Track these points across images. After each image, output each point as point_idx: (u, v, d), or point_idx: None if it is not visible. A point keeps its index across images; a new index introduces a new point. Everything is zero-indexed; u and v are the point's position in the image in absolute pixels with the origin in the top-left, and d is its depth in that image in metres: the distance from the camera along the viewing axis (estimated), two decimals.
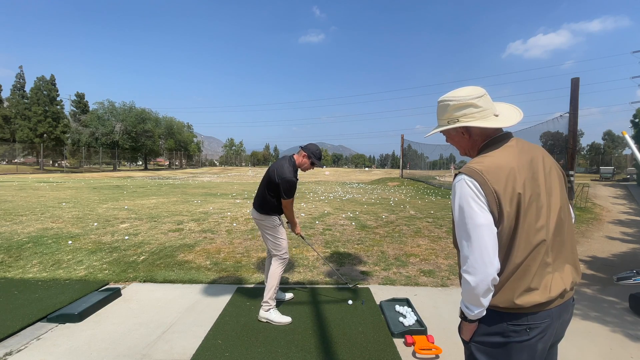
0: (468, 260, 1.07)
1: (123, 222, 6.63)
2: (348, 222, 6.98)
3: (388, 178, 26.04)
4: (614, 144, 62.32)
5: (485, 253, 1.04)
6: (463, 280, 1.09)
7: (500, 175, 1.08)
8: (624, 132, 2.83)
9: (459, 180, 1.12)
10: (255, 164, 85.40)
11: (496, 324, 1.12)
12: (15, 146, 36.97)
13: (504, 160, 1.12)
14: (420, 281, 3.86)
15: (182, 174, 34.16)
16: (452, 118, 1.22)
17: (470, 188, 1.08)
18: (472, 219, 1.06)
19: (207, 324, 2.80)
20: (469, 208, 1.07)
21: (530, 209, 1.09)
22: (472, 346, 1.19)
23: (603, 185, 17.57)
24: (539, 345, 1.13)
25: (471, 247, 1.06)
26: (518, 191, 1.08)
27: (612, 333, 2.75)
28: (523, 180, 1.10)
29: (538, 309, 1.09)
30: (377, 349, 2.44)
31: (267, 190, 2.90)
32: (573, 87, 7.83)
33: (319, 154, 2.93)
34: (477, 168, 1.10)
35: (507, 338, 1.11)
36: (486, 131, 1.21)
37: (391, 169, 63.59)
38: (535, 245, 1.09)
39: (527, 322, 1.10)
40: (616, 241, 6.14)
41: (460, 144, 1.29)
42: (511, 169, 1.10)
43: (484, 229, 1.05)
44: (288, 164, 2.87)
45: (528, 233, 1.08)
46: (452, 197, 1.16)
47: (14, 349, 2.41)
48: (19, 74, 39.74)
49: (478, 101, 1.18)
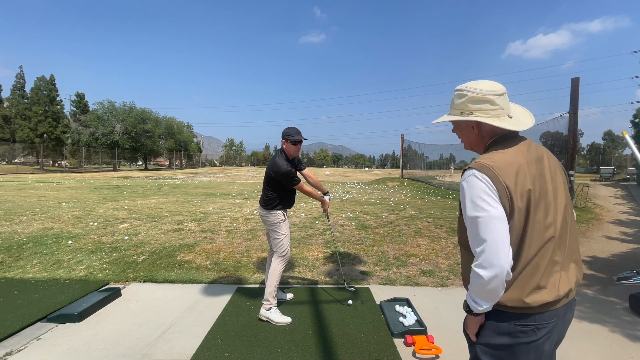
0: (483, 254, 1.04)
1: (123, 222, 6.63)
2: (348, 222, 6.98)
3: (388, 178, 26.04)
4: (614, 144, 62.33)
5: (501, 247, 1.02)
6: (475, 275, 1.06)
7: (510, 171, 1.08)
8: (624, 132, 2.83)
9: (470, 175, 1.10)
10: (255, 164, 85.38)
11: (503, 325, 1.11)
12: (15, 146, 36.97)
13: (514, 156, 1.12)
14: (420, 281, 3.86)
15: (182, 174, 34.16)
16: (467, 110, 1.20)
17: (482, 182, 1.07)
18: (486, 212, 1.04)
19: (207, 324, 2.80)
20: (482, 201, 1.05)
21: (540, 206, 1.08)
22: (478, 348, 1.17)
23: (603, 185, 17.58)
24: (545, 346, 1.13)
25: (485, 240, 1.03)
26: (528, 187, 1.07)
27: (612, 333, 2.75)
28: (532, 177, 1.09)
29: (545, 309, 1.09)
30: (377, 349, 2.44)
31: (267, 186, 3.01)
32: (573, 87, 7.83)
33: (293, 132, 2.95)
34: (488, 163, 1.10)
35: (515, 339, 1.10)
36: (496, 130, 1.20)
37: (391, 169, 63.57)
38: (545, 242, 1.08)
39: (534, 322, 1.08)
40: (616, 241, 6.13)
41: (468, 137, 1.28)
42: (520, 165, 1.10)
43: (499, 222, 1.04)
44: (279, 157, 2.96)
45: (538, 229, 1.08)
46: (461, 192, 1.13)
47: (14, 349, 2.41)
48: (19, 74, 39.74)
49: (496, 99, 1.17)
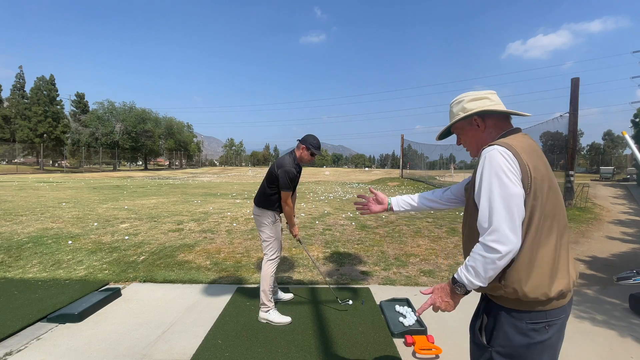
0: (499, 230, 1.02)
1: (123, 222, 6.64)
2: (348, 222, 6.98)
3: (388, 178, 26.05)
4: (614, 144, 62.32)
5: (518, 223, 1.03)
6: (487, 249, 1.04)
7: (529, 152, 1.10)
8: (624, 132, 2.83)
9: (491, 149, 1.09)
10: (255, 164, 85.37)
11: (515, 325, 1.10)
12: (15, 146, 36.99)
13: (526, 143, 1.14)
14: (420, 281, 3.86)
15: (182, 174, 34.16)
16: (467, 110, 1.25)
17: (504, 157, 1.06)
18: (507, 187, 1.04)
19: (207, 324, 2.80)
20: (504, 176, 1.05)
21: (551, 192, 1.09)
22: (493, 352, 1.14)
23: (603, 185, 17.57)
24: (559, 345, 1.14)
25: (505, 216, 1.03)
26: (543, 172, 1.08)
27: (612, 333, 2.75)
28: (543, 164, 1.11)
29: (556, 305, 1.09)
30: (377, 349, 2.44)
31: (267, 183, 2.92)
32: (573, 87, 7.83)
33: (317, 143, 2.91)
34: (509, 142, 1.11)
35: (528, 338, 1.09)
36: (500, 124, 1.24)
37: (391, 169, 63.56)
38: (557, 227, 1.09)
39: (545, 319, 1.08)
40: (616, 241, 6.13)
41: (474, 138, 1.28)
42: (535, 151, 1.13)
43: (518, 200, 1.04)
44: (289, 157, 2.91)
45: (550, 214, 1.08)
46: (480, 167, 1.11)
47: (14, 349, 2.41)
48: (18, 74, 39.78)
49: (491, 95, 1.26)
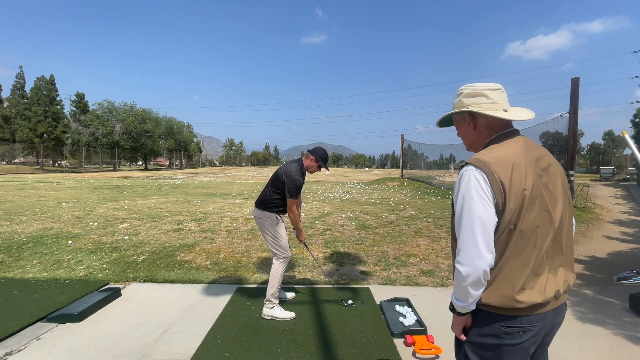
0: (462, 251, 1.06)
1: (123, 222, 6.63)
2: (348, 222, 6.98)
3: (388, 178, 26.04)
4: (614, 144, 62.29)
5: (481, 245, 1.04)
6: (455, 271, 1.09)
7: (506, 167, 1.08)
8: (624, 132, 2.82)
9: (466, 170, 1.12)
10: (255, 164, 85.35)
11: (489, 325, 1.12)
12: (15, 146, 36.95)
13: (511, 154, 1.12)
14: (420, 281, 3.86)
15: (182, 174, 34.15)
16: (462, 105, 1.23)
17: (476, 179, 1.07)
18: (472, 209, 1.05)
19: (207, 324, 2.80)
20: (470, 199, 1.07)
21: (533, 206, 1.08)
22: (466, 346, 1.19)
23: (603, 185, 17.58)
24: (531, 349, 1.14)
25: (467, 238, 1.05)
26: (523, 187, 1.07)
27: (612, 333, 2.75)
28: (529, 177, 1.09)
29: (532, 311, 1.09)
30: (377, 349, 2.44)
31: (270, 187, 2.98)
32: (573, 87, 7.82)
33: (325, 157, 3.06)
34: (484, 159, 1.10)
35: (500, 340, 1.10)
36: (492, 125, 1.21)
37: (391, 169, 63.55)
38: (534, 242, 1.08)
39: (520, 324, 1.09)
40: (616, 241, 6.13)
41: (466, 135, 1.29)
42: (517, 162, 1.09)
43: (483, 222, 1.04)
44: (297, 164, 2.99)
45: (528, 229, 1.07)
46: (455, 186, 1.14)
47: (14, 349, 2.41)
48: (18, 74, 39.73)
49: (490, 93, 1.19)
